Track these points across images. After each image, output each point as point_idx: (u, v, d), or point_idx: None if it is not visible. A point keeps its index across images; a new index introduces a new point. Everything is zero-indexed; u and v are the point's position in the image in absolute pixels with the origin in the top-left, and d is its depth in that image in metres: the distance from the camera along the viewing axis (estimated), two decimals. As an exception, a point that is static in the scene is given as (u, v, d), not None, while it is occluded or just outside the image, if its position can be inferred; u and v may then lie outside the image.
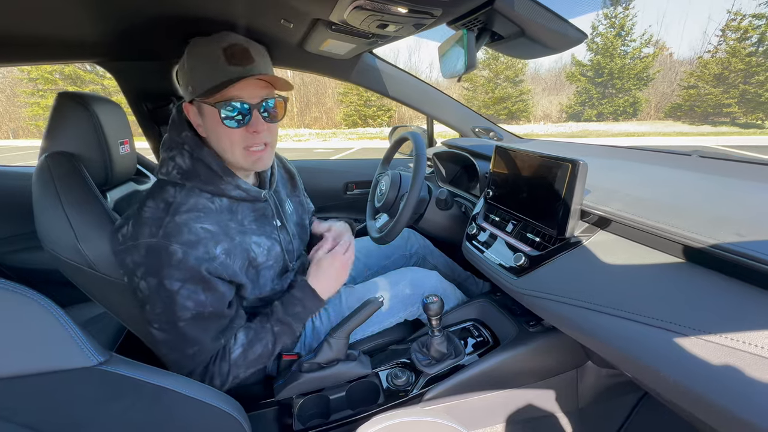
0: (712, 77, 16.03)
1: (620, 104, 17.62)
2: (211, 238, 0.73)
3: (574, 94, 19.25)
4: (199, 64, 0.71)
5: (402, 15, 0.64)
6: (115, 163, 0.92)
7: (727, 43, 15.87)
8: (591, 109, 18.29)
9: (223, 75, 0.69)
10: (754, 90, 14.95)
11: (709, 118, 16.24)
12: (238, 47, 0.71)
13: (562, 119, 19.56)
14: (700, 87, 16.32)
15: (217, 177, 0.77)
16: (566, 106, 19.52)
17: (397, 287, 1.09)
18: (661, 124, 16.43)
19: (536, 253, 0.81)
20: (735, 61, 15.27)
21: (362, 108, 18.39)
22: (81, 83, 16.62)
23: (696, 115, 16.61)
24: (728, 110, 15.47)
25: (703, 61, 16.80)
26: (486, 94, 18.39)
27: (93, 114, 0.86)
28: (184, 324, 0.72)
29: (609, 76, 17.51)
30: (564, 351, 0.94)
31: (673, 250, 0.60)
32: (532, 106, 19.42)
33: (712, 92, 15.80)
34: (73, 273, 0.82)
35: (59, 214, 0.79)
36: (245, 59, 0.70)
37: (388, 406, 0.88)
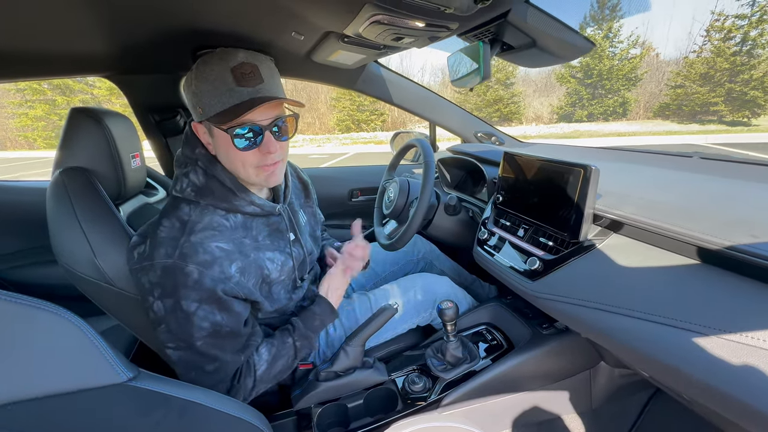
0: (698, 76, 16.35)
1: (610, 104, 17.89)
2: (226, 257, 0.73)
3: (565, 95, 19.51)
4: (207, 86, 0.69)
5: (419, 29, 0.65)
6: (128, 177, 0.93)
7: (711, 43, 16.21)
8: (581, 110, 18.54)
9: (234, 97, 0.68)
10: (740, 88, 15.28)
11: (697, 116, 16.55)
12: (248, 66, 0.69)
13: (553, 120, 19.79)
14: (687, 86, 16.64)
15: (231, 193, 0.77)
16: (557, 108, 19.76)
17: (409, 293, 1.10)
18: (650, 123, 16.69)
19: (550, 257, 0.82)
20: (720, 61, 15.61)
21: (355, 113, 18.45)
22: (70, 93, 16.48)
23: (684, 113, 16.92)
24: (715, 108, 15.78)
25: (689, 61, 17.15)
26: (478, 96, 18.56)
27: (106, 128, 0.86)
28: (201, 343, 0.72)
29: (598, 77, 17.78)
30: (577, 352, 0.96)
31: (688, 252, 0.62)
32: (524, 108, 19.63)
33: (698, 91, 16.11)
34: (90, 289, 0.81)
35: (75, 230, 0.79)
36: (254, 79, 0.69)
37: (408, 412, 0.89)
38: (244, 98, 0.69)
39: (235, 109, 0.68)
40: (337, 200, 1.69)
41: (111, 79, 1.14)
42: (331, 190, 1.67)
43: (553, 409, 1.00)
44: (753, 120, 15.26)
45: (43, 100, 16.42)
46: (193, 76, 0.71)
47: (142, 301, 0.73)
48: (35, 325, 0.50)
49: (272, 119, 0.72)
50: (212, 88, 0.69)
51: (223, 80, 0.68)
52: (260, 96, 0.70)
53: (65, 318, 0.51)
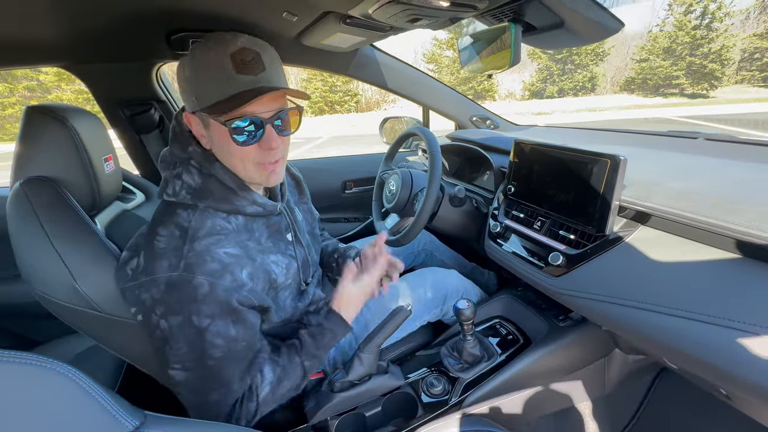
0: (661, 50, 16.89)
1: (579, 80, 18.26)
2: (236, 262, 0.66)
3: (536, 71, 19.72)
4: (203, 72, 0.61)
5: (441, 8, 0.58)
6: (102, 183, 0.81)
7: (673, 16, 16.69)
8: (552, 86, 18.84)
9: (233, 86, 0.60)
10: (700, 61, 15.93)
11: (660, 89, 17.19)
12: (249, 52, 0.61)
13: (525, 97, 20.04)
14: (651, 60, 17.18)
15: (232, 193, 0.69)
16: (529, 84, 19.98)
17: (419, 290, 1.06)
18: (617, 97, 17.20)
19: (574, 252, 0.79)
20: (681, 35, 16.14)
21: (328, 94, 17.95)
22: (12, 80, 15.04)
23: (649, 87, 17.53)
24: (677, 82, 16.43)
25: (653, 35, 17.65)
26: (451, 74, 18.44)
27: (72, 129, 0.74)
28: (213, 363, 0.65)
29: (568, 52, 18.03)
30: (594, 342, 0.95)
31: (728, 246, 0.60)
32: (497, 85, 19.72)
33: (662, 65, 16.68)
34: (70, 316, 0.72)
35: (48, 252, 0.68)
36: (255, 66, 0.61)
37: (430, 417, 0.85)
38: (244, 87, 0.61)
39: (234, 99, 0.60)
40: (330, 193, 1.61)
41: (70, 69, 0.98)
42: (323, 183, 1.58)
43: (569, 399, 1.00)
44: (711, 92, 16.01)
45: (-20, 88, 14.95)
46: (187, 61, 0.62)
47: (144, 320, 0.65)
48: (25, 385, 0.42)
49: (274, 112, 0.64)
50: (209, 76, 0.61)
51: (222, 67, 0.60)
52: (263, 86, 0.62)
53: (58, 371, 0.43)
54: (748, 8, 19.50)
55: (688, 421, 1.01)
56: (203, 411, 0.68)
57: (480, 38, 0.72)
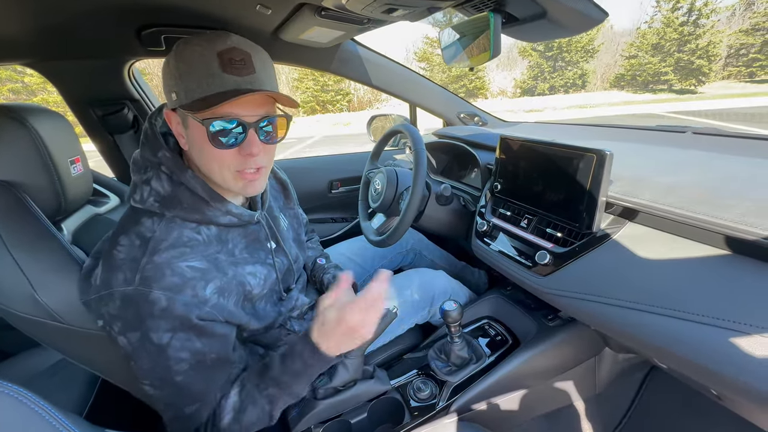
0: (650, 47, 17.05)
1: (570, 77, 18.38)
2: (200, 277, 0.62)
3: (527, 68, 19.81)
4: (187, 69, 0.58)
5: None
6: (68, 187, 0.77)
7: (661, 13, 16.86)
8: (543, 83, 18.94)
9: (216, 84, 0.57)
10: (687, 57, 16.12)
11: (649, 86, 17.37)
12: (238, 52, 0.58)
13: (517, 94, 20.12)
14: (640, 56, 17.34)
15: (203, 203, 0.65)
16: (520, 81, 20.07)
17: (405, 292, 1.03)
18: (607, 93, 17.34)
19: (561, 250, 0.77)
20: (669, 31, 16.31)
21: (320, 93, 17.84)
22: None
23: (638, 83, 17.70)
24: (665, 78, 16.61)
25: (642, 32, 17.81)
26: (443, 72, 18.44)
27: (32, 130, 0.70)
28: (181, 378, 0.61)
29: (558, 49, 18.13)
30: (584, 342, 0.93)
31: (717, 242, 0.58)
32: (489, 83, 19.77)
33: (650, 61, 16.85)
34: (32, 328, 0.68)
35: (5, 260, 0.64)
36: (244, 68, 0.58)
37: (417, 423, 0.83)
38: (228, 87, 0.57)
39: (215, 97, 0.56)
40: (316, 193, 1.57)
41: (34, 67, 0.94)
42: (309, 183, 1.54)
43: (561, 399, 0.98)
44: (699, 88, 16.20)
45: (-37, 91, 14.60)
46: (173, 56, 0.59)
47: (108, 334, 0.61)
48: None
49: (260, 116, 0.60)
50: (192, 73, 0.57)
51: (207, 64, 0.56)
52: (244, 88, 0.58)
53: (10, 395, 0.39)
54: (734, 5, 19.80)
55: (679, 419, 1.00)
56: (181, 425, 0.64)
57: (460, 30, 0.69)
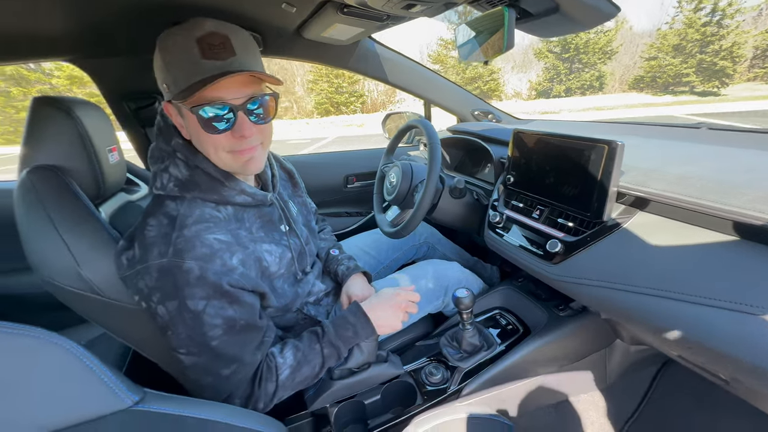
0: (671, 48, 16.65)
1: (587, 79, 18.08)
2: (226, 248, 0.67)
3: (543, 70, 19.58)
4: (172, 59, 0.60)
5: (436, -7, 0.58)
6: (106, 173, 0.83)
7: (683, 13, 16.45)
8: (559, 85, 18.69)
9: (199, 72, 0.58)
10: (710, 59, 15.67)
11: (670, 87, 16.95)
12: (217, 36, 0.59)
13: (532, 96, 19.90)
14: (661, 58, 16.95)
15: (218, 183, 0.70)
16: (536, 83, 19.85)
17: (419, 282, 1.06)
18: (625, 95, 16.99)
19: (572, 239, 0.79)
20: (691, 32, 15.90)
21: (334, 95, 18.02)
22: (26, 84, 15.36)
23: (658, 85, 17.29)
24: (687, 79, 16.18)
25: (662, 33, 17.40)
26: (457, 74, 18.40)
27: (77, 120, 0.76)
28: (217, 343, 0.66)
29: (575, 51, 17.87)
30: (594, 332, 0.95)
31: (725, 228, 0.59)
32: (503, 85, 19.62)
33: (671, 63, 16.45)
34: (75, 300, 0.73)
35: (53, 237, 0.70)
36: (224, 51, 0.59)
37: (429, 405, 0.86)
38: (209, 73, 0.58)
39: (198, 84, 0.58)
40: (332, 187, 1.62)
41: (76, 63, 1.01)
42: (325, 178, 1.59)
43: (571, 389, 0.99)
44: (722, 90, 15.73)
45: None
46: (158, 48, 0.61)
47: (146, 307, 0.66)
48: (27, 357, 0.43)
49: (246, 97, 0.63)
50: (176, 63, 0.60)
51: (188, 52, 0.58)
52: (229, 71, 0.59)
53: (58, 344, 0.44)
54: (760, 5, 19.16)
55: (691, 413, 1.00)
56: (218, 389, 0.68)
57: (475, 26, 0.72)
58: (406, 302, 0.87)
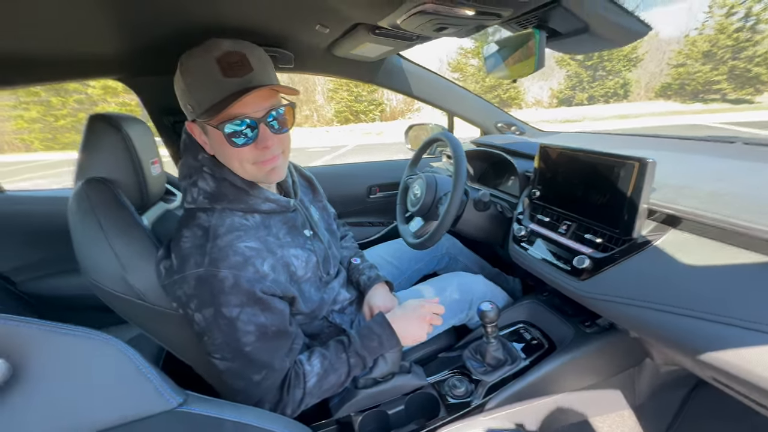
0: (700, 54, 16.10)
1: (611, 86, 17.68)
2: (257, 255, 0.70)
3: (565, 78, 19.28)
4: (194, 81, 0.64)
5: (467, 17, 0.61)
6: (150, 184, 0.89)
7: (714, 19, 15.92)
8: (582, 93, 18.35)
9: (222, 90, 0.62)
10: (743, 65, 15.06)
11: (700, 95, 16.36)
12: (234, 55, 0.63)
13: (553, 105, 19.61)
14: (689, 65, 16.41)
15: (244, 193, 0.74)
16: (557, 92, 19.55)
17: (444, 294, 1.07)
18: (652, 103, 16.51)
19: (601, 255, 0.78)
20: (722, 38, 15.35)
21: (353, 104, 18.27)
22: (65, 93, 16.28)
23: (686, 93, 16.72)
24: (718, 87, 15.59)
25: (691, 39, 16.87)
26: (476, 83, 18.35)
27: (126, 135, 0.82)
28: (250, 349, 0.69)
29: (598, 58, 17.52)
30: (623, 350, 0.93)
31: (760, 248, 0.58)
32: (523, 93, 19.42)
33: (701, 70, 15.89)
34: (119, 304, 0.78)
35: (102, 245, 0.75)
36: (243, 68, 0.63)
37: (452, 418, 0.86)
38: (232, 90, 0.62)
39: (224, 105, 0.62)
40: (356, 197, 1.65)
41: (124, 81, 1.08)
42: (349, 188, 1.63)
43: (598, 407, 0.97)
44: (757, 97, 15.06)
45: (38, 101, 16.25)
46: (180, 71, 0.66)
47: (184, 314, 0.70)
48: (83, 356, 0.47)
49: (266, 110, 0.67)
50: (198, 83, 0.64)
51: (209, 73, 0.62)
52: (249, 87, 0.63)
53: (111, 344, 0.48)
54: (798, 8, 18.33)
55: (726, 438, 0.96)
56: (249, 394, 0.71)
57: (505, 45, 0.74)
58: (431, 314, 0.88)
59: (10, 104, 16.66)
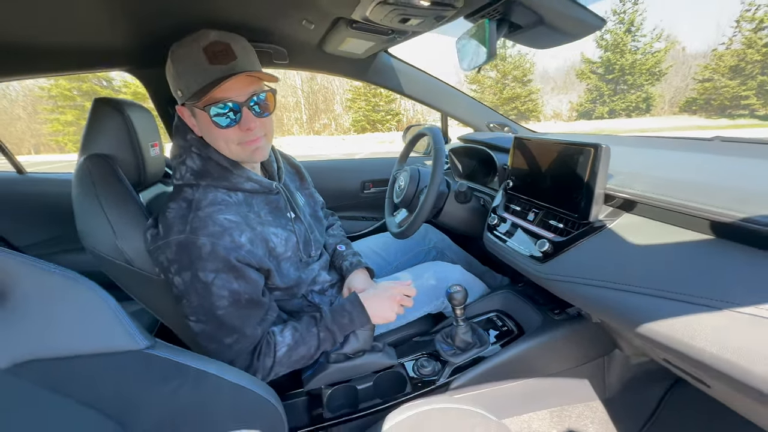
0: (727, 69, 15.68)
1: (632, 100, 17.37)
2: (235, 227, 0.76)
3: (585, 91, 19.06)
4: (183, 68, 0.71)
5: (424, 8, 0.66)
6: (147, 164, 0.97)
7: (742, 34, 15.52)
8: (602, 107, 18.07)
9: (207, 76, 0.69)
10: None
11: (727, 111, 15.86)
12: (219, 44, 0.70)
13: (572, 118, 19.37)
14: (716, 80, 15.98)
15: (228, 172, 0.80)
16: (577, 105, 19.33)
17: (421, 279, 1.10)
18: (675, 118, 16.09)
19: (560, 239, 0.81)
20: (751, 52, 14.92)
21: (371, 113, 18.55)
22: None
23: (712, 108, 16.24)
24: (746, 102, 15.09)
25: (718, 54, 16.46)
26: (494, 95, 18.36)
27: (126, 118, 0.90)
28: (222, 313, 0.74)
29: (620, 72, 17.29)
30: (590, 339, 0.94)
31: (701, 228, 0.60)
32: (542, 106, 19.28)
33: (728, 84, 15.45)
34: (112, 269, 0.85)
35: (99, 213, 0.83)
36: (227, 57, 0.70)
37: (416, 394, 0.89)
38: (216, 76, 0.69)
39: (209, 88, 0.68)
40: (349, 192, 1.71)
41: (132, 73, 1.19)
42: (343, 182, 1.69)
43: (565, 396, 0.98)
44: (788, 113, 14.49)
45: (73, 106, 17.22)
46: (170, 59, 0.73)
47: (165, 278, 0.76)
48: (62, 292, 0.53)
49: (248, 95, 0.73)
50: (187, 70, 0.71)
51: (196, 60, 0.70)
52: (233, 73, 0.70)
53: (85, 285, 0.54)
54: (834, 23, 17.66)
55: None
56: (221, 355, 0.77)
57: (467, 38, 0.79)
58: (401, 296, 0.92)
59: (49, 108, 17.71)
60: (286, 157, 1.09)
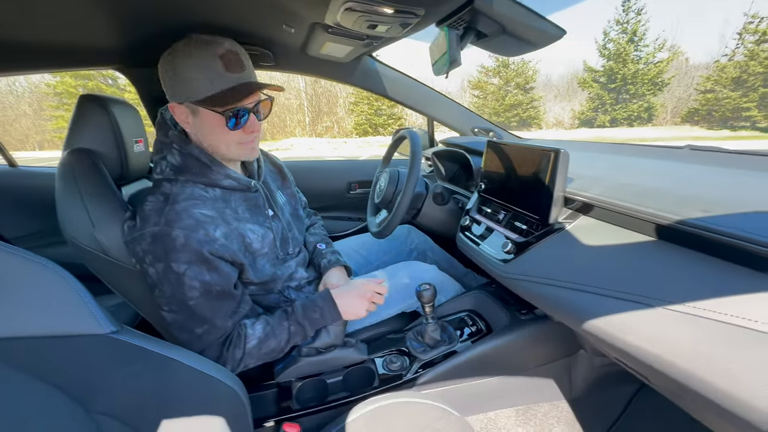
0: (730, 81, 15.71)
1: (634, 109, 17.41)
2: (210, 221, 0.79)
3: (587, 100, 19.12)
4: (195, 70, 0.74)
5: (388, 15, 0.69)
6: (130, 159, 1.00)
7: (745, 46, 15.57)
8: (604, 115, 18.12)
9: (224, 83, 0.74)
10: (775, 93, 14.58)
11: (729, 122, 15.87)
12: (233, 54, 0.76)
13: (574, 126, 19.42)
14: (718, 91, 16.01)
15: (207, 168, 0.83)
16: (579, 113, 19.38)
17: (395, 278, 1.13)
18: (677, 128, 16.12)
19: (522, 240, 0.84)
20: (753, 65, 14.96)
21: (373, 117, 18.65)
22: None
23: (714, 119, 16.26)
24: (748, 114, 15.10)
25: (721, 65, 16.50)
26: (496, 101, 18.43)
27: (111, 114, 0.93)
28: (193, 303, 0.77)
29: (622, 81, 17.35)
30: (555, 339, 0.96)
31: (646, 230, 0.63)
32: (544, 113, 19.34)
33: (730, 96, 15.48)
34: (90, 259, 0.88)
35: (79, 205, 0.86)
36: (240, 66, 0.76)
37: (383, 389, 0.91)
38: (233, 83, 0.75)
39: (230, 93, 0.74)
40: (335, 192, 1.74)
41: (122, 71, 1.22)
42: (329, 183, 1.72)
43: (531, 395, 1.00)
44: (789, 126, 14.49)
45: (78, 103, 17.33)
46: (176, 59, 0.76)
47: (140, 268, 0.79)
48: (28, 274, 0.56)
49: (254, 102, 0.80)
50: (200, 73, 0.74)
51: (212, 67, 0.74)
52: (251, 82, 0.77)
53: (52, 270, 0.57)
54: (837, 37, 17.68)
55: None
56: (192, 345, 0.79)
57: (435, 44, 0.82)
58: (372, 293, 0.95)
59: (54, 105, 17.86)
60: (268, 157, 1.12)
